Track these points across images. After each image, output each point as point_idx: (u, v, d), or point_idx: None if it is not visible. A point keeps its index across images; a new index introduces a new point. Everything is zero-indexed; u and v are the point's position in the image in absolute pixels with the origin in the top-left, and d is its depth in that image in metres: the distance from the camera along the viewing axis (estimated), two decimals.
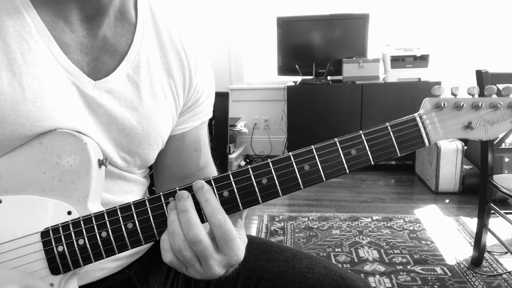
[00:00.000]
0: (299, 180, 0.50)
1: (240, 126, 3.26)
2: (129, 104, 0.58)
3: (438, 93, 0.51)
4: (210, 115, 0.73)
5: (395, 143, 0.51)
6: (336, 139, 0.51)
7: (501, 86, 0.53)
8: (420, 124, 0.51)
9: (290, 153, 0.51)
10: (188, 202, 0.49)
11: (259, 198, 0.51)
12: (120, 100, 0.58)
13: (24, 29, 0.50)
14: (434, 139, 0.52)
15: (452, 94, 0.52)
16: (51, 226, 0.50)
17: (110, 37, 0.57)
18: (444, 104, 0.51)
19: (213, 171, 0.74)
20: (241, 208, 0.51)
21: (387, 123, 0.51)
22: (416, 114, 0.51)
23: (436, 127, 0.51)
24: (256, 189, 0.50)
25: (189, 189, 0.50)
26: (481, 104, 0.51)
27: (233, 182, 0.50)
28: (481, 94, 0.52)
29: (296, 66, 3.13)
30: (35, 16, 0.51)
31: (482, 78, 1.48)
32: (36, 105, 0.50)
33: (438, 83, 2.82)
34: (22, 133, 0.50)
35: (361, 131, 0.51)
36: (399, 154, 0.51)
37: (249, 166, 0.50)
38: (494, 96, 0.51)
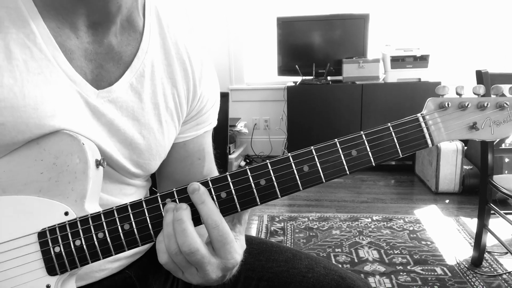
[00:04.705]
0: (298, 182, 0.50)
1: (240, 126, 3.25)
2: (130, 114, 0.58)
3: (442, 93, 0.50)
4: (215, 124, 0.73)
5: (397, 144, 0.50)
6: (336, 139, 0.50)
7: (502, 87, 0.52)
8: (423, 125, 0.50)
9: (289, 154, 0.50)
10: (185, 212, 0.48)
11: (257, 200, 0.50)
12: (122, 110, 0.57)
13: (28, 37, 0.49)
14: (438, 140, 0.51)
15: (457, 93, 0.51)
16: (48, 227, 0.50)
17: (116, 45, 0.57)
18: (448, 104, 0.50)
19: None
20: (239, 210, 0.50)
21: (389, 124, 0.50)
22: (419, 115, 0.51)
23: (439, 128, 0.51)
24: (254, 190, 0.50)
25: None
26: (487, 104, 0.50)
27: (230, 183, 0.50)
28: (486, 94, 0.51)
29: (296, 66, 3.13)
30: (40, 24, 0.50)
31: (482, 79, 1.48)
32: (37, 112, 0.49)
33: (438, 83, 2.81)
34: (21, 139, 0.50)
35: (362, 132, 0.50)
36: (401, 155, 0.50)
37: (247, 167, 0.50)
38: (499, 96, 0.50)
